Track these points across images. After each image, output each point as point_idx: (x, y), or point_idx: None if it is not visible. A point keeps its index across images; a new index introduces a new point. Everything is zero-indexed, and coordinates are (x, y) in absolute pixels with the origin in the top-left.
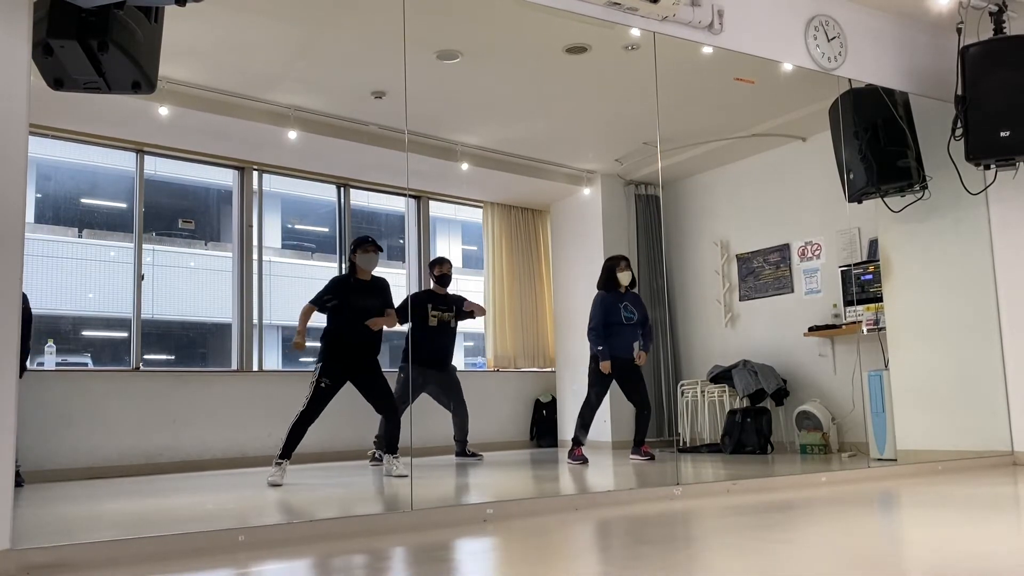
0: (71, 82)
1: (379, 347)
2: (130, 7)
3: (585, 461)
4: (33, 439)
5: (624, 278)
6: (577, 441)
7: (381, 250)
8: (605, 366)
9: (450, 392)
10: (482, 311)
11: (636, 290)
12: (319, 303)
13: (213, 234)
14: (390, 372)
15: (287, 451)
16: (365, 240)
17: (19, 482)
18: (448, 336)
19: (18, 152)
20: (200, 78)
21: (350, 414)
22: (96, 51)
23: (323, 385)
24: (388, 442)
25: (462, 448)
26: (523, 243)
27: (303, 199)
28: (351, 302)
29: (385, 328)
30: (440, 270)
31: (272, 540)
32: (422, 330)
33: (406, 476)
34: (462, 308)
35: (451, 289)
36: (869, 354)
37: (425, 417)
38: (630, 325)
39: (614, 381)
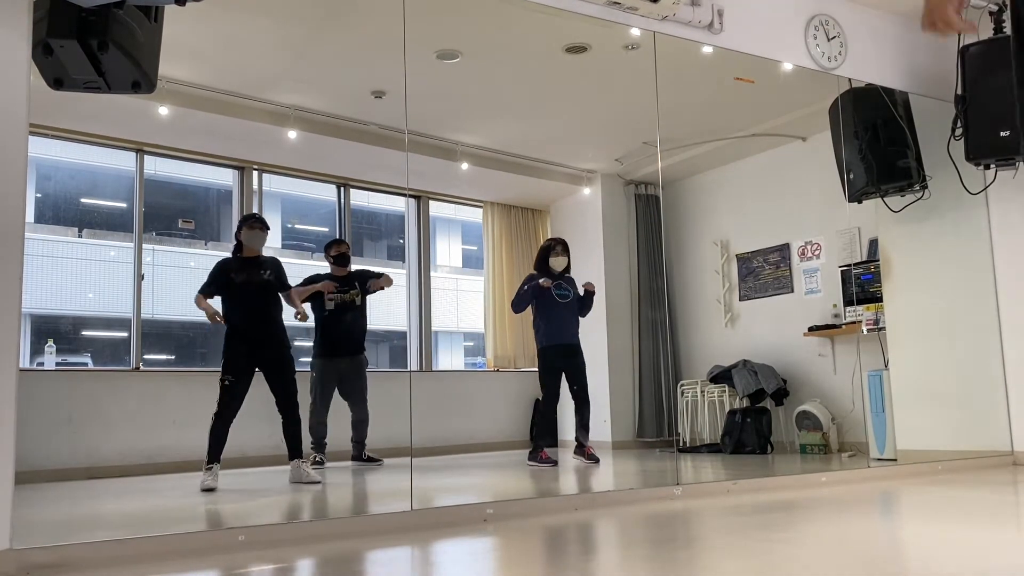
0: (71, 82)
1: (285, 335)
2: (130, 7)
3: (554, 463)
4: (33, 439)
5: (557, 263)
6: (541, 444)
7: (268, 228)
8: (546, 281)
9: (352, 386)
10: (389, 281)
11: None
12: (207, 292)
13: (213, 234)
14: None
15: (214, 455)
16: (251, 217)
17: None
18: (354, 317)
19: (18, 152)
20: (200, 78)
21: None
22: (96, 51)
23: (227, 383)
24: (292, 444)
25: (359, 451)
26: (523, 243)
27: (303, 199)
28: (238, 281)
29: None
30: (337, 249)
31: (272, 540)
32: (321, 317)
33: (319, 483)
34: (367, 285)
35: (451, 288)
36: (869, 354)
37: (425, 418)
38: (564, 303)
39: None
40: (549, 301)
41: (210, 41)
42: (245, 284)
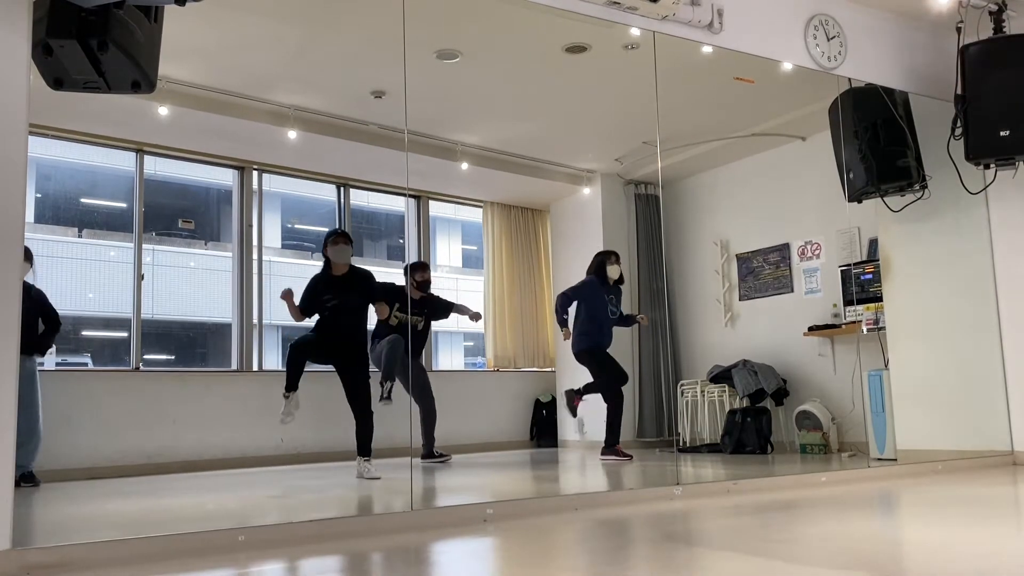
0: (71, 82)
1: (365, 341)
2: (130, 7)
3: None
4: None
5: (613, 272)
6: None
7: (352, 241)
8: (566, 332)
9: (418, 385)
10: (476, 316)
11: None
12: (307, 311)
13: (213, 234)
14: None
15: (291, 383)
16: (334, 232)
17: (36, 481)
18: (416, 332)
19: (18, 152)
20: (200, 78)
21: (350, 414)
22: (96, 51)
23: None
24: (361, 444)
25: (429, 449)
26: (523, 243)
27: (303, 199)
28: (329, 302)
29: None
30: (423, 276)
31: (272, 540)
32: (384, 326)
33: (379, 479)
34: (438, 308)
35: (451, 288)
36: (869, 354)
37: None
38: (612, 319)
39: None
40: (599, 308)
41: (210, 41)
42: (338, 307)
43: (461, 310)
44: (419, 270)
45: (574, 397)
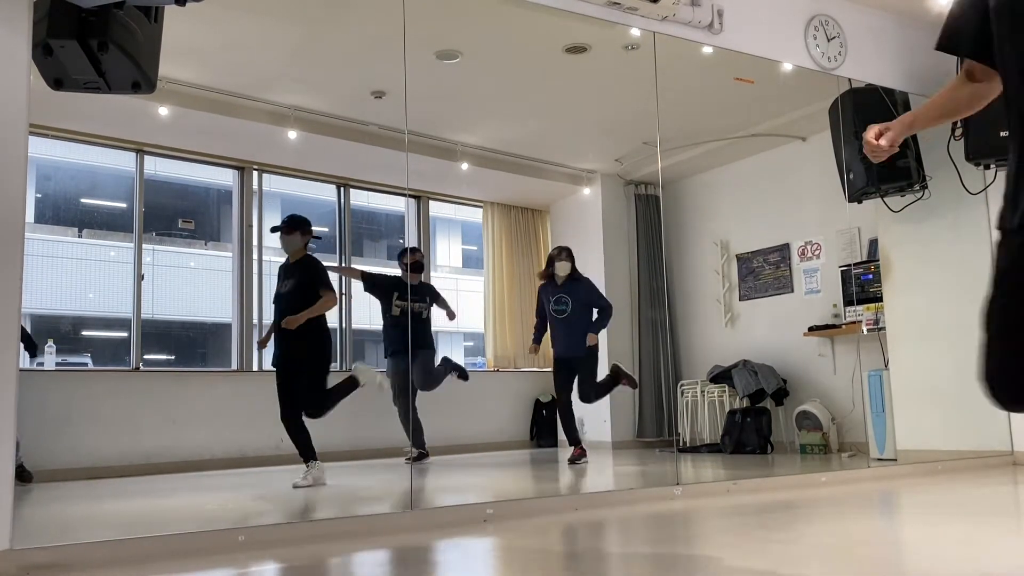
0: (71, 82)
1: (307, 338)
2: (130, 7)
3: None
4: (33, 439)
5: (560, 268)
6: (575, 441)
7: (296, 229)
8: (531, 348)
9: (420, 376)
10: (451, 315)
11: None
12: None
13: (213, 234)
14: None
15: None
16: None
17: (27, 477)
18: (419, 321)
19: (18, 152)
20: (200, 78)
21: (350, 414)
22: (96, 51)
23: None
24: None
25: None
26: (523, 243)
27: (303, 199)
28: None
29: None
30: (412, 257)
31: (272, 540)
32: (387, 319)
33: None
34: (437, 298)
35: (451, 288)
36: (869, 354)
37: (424, 418)
38: (562, 319)
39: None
40: (552, 316)
41: (210, 41)
42: (280, 294)
43: (443, 304)
44: (406, 253)
45: (576, 449)
